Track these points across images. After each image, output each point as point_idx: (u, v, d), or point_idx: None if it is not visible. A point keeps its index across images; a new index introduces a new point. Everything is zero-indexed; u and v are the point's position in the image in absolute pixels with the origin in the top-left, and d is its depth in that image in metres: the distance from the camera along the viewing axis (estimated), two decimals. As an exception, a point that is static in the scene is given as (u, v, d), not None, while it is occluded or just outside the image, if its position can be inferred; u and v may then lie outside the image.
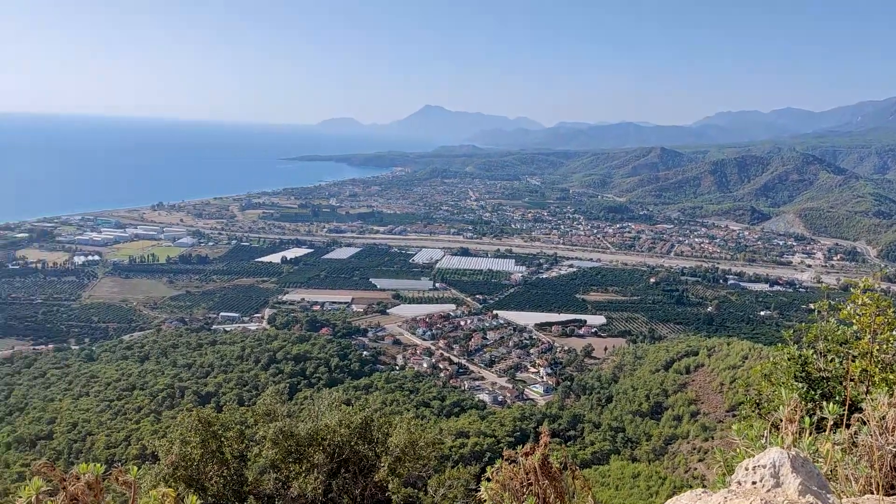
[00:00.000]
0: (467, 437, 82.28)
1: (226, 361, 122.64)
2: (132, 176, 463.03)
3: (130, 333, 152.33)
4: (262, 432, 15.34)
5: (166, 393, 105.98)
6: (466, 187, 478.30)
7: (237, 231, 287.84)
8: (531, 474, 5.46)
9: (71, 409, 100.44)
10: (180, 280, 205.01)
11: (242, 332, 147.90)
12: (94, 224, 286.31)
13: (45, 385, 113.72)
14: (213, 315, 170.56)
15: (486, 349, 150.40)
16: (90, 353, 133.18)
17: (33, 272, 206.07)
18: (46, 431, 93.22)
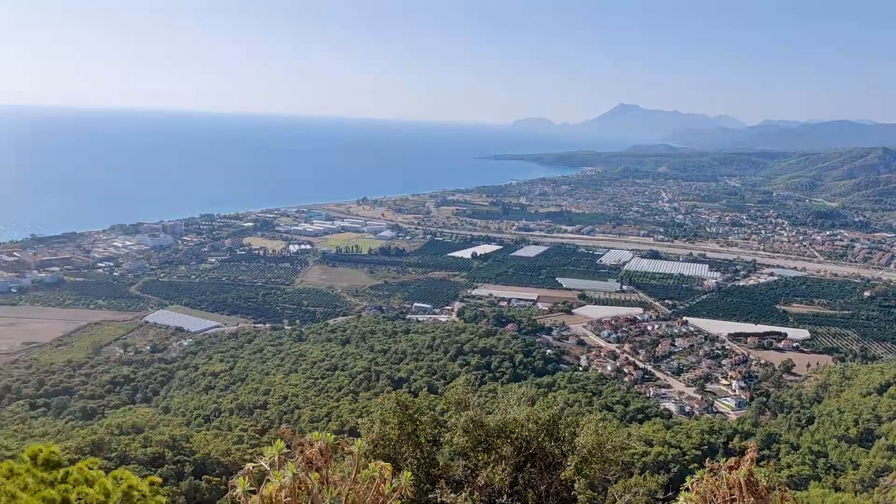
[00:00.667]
0: (650, 445, 79.24)
1: (417, 350, 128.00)
2: (341, 173, 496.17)
3: (334, 318, 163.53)
4: (454, 420, 15.87)
5: (364, 375, 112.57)
6: (659, 188, 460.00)
7: (432, 226, 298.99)
8: (735, 489, 5.17)
9: (282, 383, 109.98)
10: (379, 270, 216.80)
11: (433, 323, 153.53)
12: (308, 216, 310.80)
13: (262, 360, 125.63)
14: (408, 305, 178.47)
15: (673, 356, 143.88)
16: (300, 333, 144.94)
17: (256, 258, 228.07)
18: (262, 402, 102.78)
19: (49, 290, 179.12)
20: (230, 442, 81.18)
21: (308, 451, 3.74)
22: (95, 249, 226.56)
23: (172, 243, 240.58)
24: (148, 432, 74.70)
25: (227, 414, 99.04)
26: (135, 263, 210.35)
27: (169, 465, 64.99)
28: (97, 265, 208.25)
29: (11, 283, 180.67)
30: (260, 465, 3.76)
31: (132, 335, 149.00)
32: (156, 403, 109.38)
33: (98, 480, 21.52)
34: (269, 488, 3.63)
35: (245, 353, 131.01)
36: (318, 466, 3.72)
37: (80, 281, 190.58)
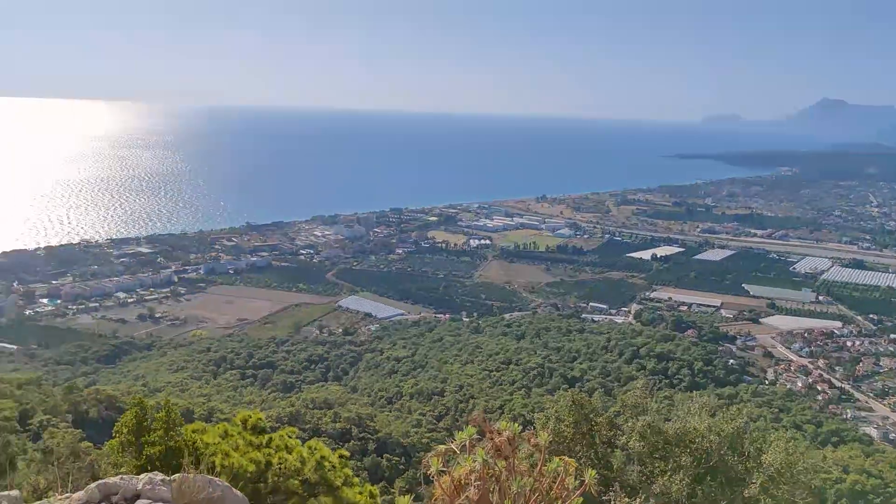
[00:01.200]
0: (847, 472, 71.87)
1: (591, 350, 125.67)
2: (522, 170, 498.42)
3: (510, 312, 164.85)
4: (630, 423, 15.47)
5: (537, 371, 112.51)
6: (866, 191, 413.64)
7: (610, 225, 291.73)
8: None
9: (459, 372, 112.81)
10: (556, 268, 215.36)
11: (609, 324, 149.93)
12: (488, 212, 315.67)
13: (441, 349, 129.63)
14: (583, 304, 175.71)
15: (877, 377, 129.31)
16: (477, 325, 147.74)
17: (439, 251, 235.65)
18: (439, 389, 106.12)
19: (259, 273, 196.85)
20: (409, 425, 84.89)
21: (497, 440, 3.87)
22: (299, 238, 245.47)
23: (365, 234, 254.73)
24: (338, 409, 79.85)
25: (408, 398, 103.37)
26: (331, 252, 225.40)
27: (355, 440, 69.13)
28: (300, 252, 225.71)
29: (230, 265, 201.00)
30: (451, 448, 3.95)
31: (327, 318, 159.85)
32: (345, 382, 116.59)
33: (296, 448, 23.39)
34: (459, 471, 3.80)
35: (426, 341, 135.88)
36: (505, 455, 3.84)
37: (285, 266, 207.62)
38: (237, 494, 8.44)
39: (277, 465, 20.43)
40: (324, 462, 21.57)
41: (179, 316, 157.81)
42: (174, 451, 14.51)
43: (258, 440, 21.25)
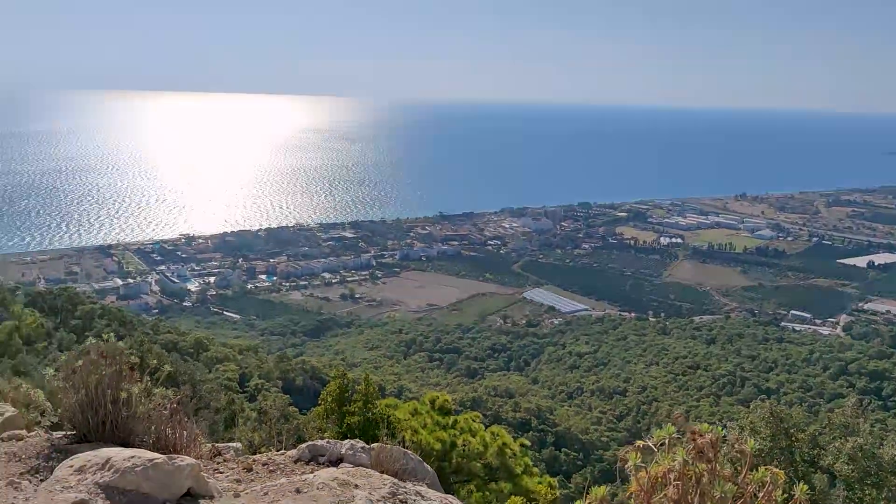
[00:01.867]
0: None
1: (791, 361, 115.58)
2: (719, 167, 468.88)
3: (700, 315, 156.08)
4: (838, 444, 14.04)
5: (727, 379, 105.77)
6: None
7: (819, 228, 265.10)
8: None
9: (642, 373, 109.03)
10: (753, 272, 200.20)
11: (812, 335, 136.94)
12: (681, 209, 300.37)
13: (624, 348, 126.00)
14: (783, 312, 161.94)
15: None
16: (664, 326, 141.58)
17: (626, 247, 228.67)
18: (621, 388, 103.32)
19: (449, 261, 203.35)
20: (589, 421, 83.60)
21: (700, 441, 3.72)
22: (487, 228, 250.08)
23: (551, 228, 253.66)
24: (518, 398, 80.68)
25: (588, 394, 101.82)
26: (518, 244, 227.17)
27: (534, 432, 69.43)
28: (488, 243, 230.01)
29: (422, 252, 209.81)
30: (648, 445, 3.87)
31: (511, 308, 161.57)
32: (526, 373, 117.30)
33: (479, 432, 23.94)
34: (658, 468, 3.70)
35: (609, 338, 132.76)
36: (708, 458, 3.68)
37: (473, 255, 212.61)
38: (428, 469, 8.83)
39: (461, 446, 21.05)
40: (505, 449, 21.91)
41: (376, 298, 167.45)
42: (371, 423, 15.52)
43: (444, 420, 22.05)
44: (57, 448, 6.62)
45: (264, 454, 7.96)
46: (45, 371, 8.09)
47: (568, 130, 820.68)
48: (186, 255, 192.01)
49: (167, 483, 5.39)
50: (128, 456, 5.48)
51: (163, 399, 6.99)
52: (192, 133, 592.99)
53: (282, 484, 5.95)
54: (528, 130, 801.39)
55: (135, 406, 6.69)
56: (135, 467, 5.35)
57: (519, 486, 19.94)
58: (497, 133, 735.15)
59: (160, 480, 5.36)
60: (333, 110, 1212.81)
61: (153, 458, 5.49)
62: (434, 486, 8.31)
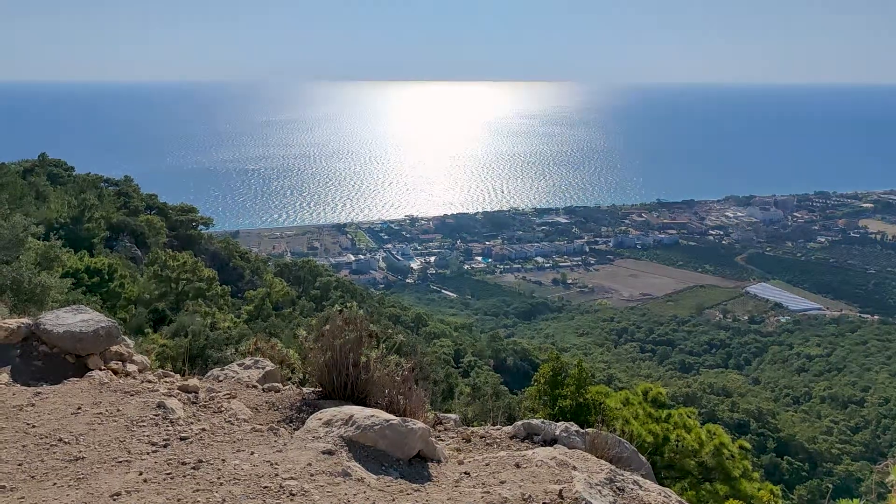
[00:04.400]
0: None
1: None
2: None
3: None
4: None
5: None
6: None
7: None
8: None
9: (885, 383, 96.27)
10: None
11: None
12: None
13: (864, 353, 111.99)
14: None
15: None
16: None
17: (871, 242, 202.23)
18: (858, 397, 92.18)
19: (665, 250, 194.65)
20: (818, 430, 75.82)
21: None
22: (708, 218, 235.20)
23: (781, 218, 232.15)
24: (736, 398, 75.43)
25: (818, 401, 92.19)
26: (742, 234, 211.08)
27: (752, 435, 64.53)
28: (708, 232, 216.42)
29: (637, 240, 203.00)
30: None
31: (732, 303, 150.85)
32: (746, 373, 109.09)
33: (694, 429, 22.75)
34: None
35: (845, 342, 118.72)
36: None
37: (692, 245, 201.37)
38: (643, 460, 8.58)
39: (675, 441, 20.18)
40: (722, 449, 20.60)
41: (587, 284, 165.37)
42: (583, 408, 15.42)
43: (657, 413, 21.25)
44: (307, 402, 7.41)
45: (481, 427, 8.23)
46: (298, 332, 9.06)
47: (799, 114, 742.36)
48: (410, 234, 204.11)
49: (401, 443, 5.80)
50: (368, 415, 5.98)
51: (396, 366, 7.51)
52: (422, 120, 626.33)
53: (501, 457, 6.13)
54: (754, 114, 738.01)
55: (372, 370, 7.27)
56: (374, 425, 5.82)
57: (736, 490, 18.69)
58: (719, 117, 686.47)
59: (395, 440, 5.78)
60: (549, 95, 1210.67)
61: (389, 419, 5.94)
62: (649, 478, 8.07)
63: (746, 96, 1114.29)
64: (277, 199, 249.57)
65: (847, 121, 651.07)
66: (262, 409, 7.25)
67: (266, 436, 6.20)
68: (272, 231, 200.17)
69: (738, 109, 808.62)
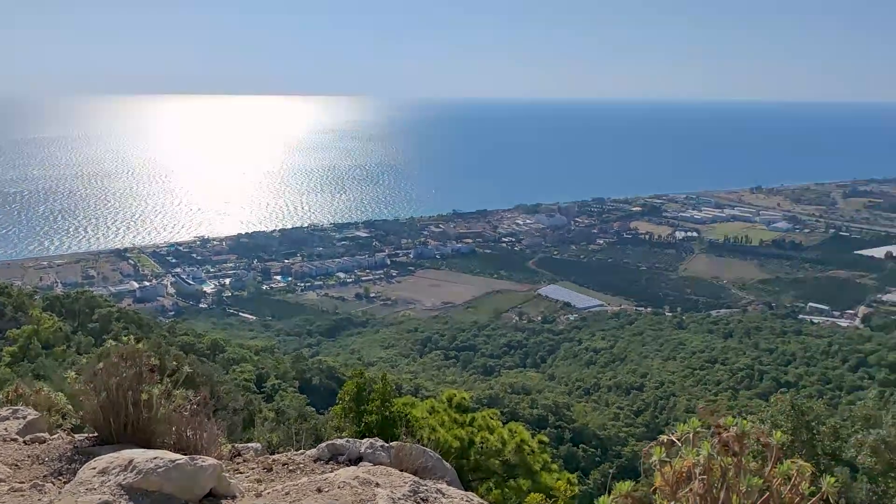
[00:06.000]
0: None
1: (809, 354, 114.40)
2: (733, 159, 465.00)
3: (717, 309, 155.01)
4: (860, 436, 13.87)
5: (745, 373, 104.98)
6: None
7: (836, 220, 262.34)
8: None
9: (659, 368, 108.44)
10: (770, 264, 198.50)
11: (831, 327, 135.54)
12: (696, 203, 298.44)
13: (641, 343, 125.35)
14: (801, 304, 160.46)
15: None
16: (680, 321, 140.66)
17: (641, 242, 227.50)
18: (638, 383, 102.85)
19: (463, 259, 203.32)
20: (606, 417, 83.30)
21: (724, 434, 3.67)
22: (501, 225, 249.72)
23: (566, 224, 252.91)
24: (535, 395, 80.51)
25: (605, 390, 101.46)
26: (532, 240, 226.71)
27: (551, 428, 69.28)
28: (502, 240, 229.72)
29: (436, 251, 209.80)
30: (671, 440, 3.83)
31: (526, 305, 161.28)
32: (542, 370, 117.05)
33: (497, 429, 23.89)
34: (683, 463, 3.66)
35: (625, 333, 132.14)
36: (733, 451, 3.63)
37: (488, 252, 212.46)
38: (447, 466, 8.81)
39: (480, 443, 21.01)
40: (523, 445, 21.85)
41: (391, 296, 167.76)
42: (389, 421, 15.54)
43: (462, 418, 22.00)
44: (80, 450, 6.67)
45: (284, 454, 7.97)
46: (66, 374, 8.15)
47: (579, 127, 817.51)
48: (202, 256, 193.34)
49: (189, 484, 5.41)
50: (150, 457, 5.50)
51: (183, 400, 7.02)
52: (205, 136, 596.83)
53: (303, 483, 5.96)
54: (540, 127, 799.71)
55: (155, 408, 6.72)
56: (157, 468, 5.37)
57: (538, 483, 19.89)
58: (509, 131, 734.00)
59: (182, 481, 5.38)
60: (345, 110, 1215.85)
61: (175, 459, 5.51)
62: (454, 484, 8.29)
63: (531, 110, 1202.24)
64: (44, 224, 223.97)
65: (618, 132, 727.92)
66: (23, 464, 6.41)
67: (28, 495, 5.49)
68: (38, 261, 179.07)
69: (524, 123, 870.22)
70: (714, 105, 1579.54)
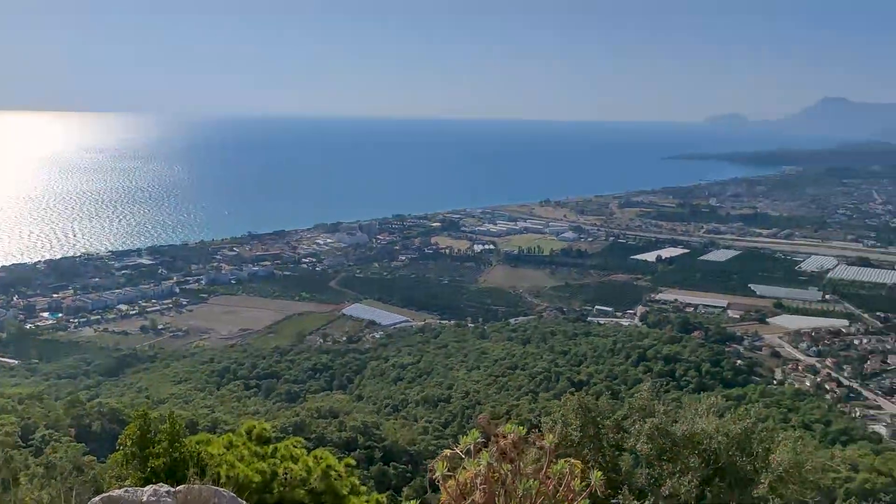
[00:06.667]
0: (856, 470, 71.48)
1: (598, 353, 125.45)
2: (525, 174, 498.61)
3: (516, 317, 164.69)
4: (638, 426, 15.39)
5: (543, 376, 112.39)
6: (870, 189, 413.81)
7: (615, 228, 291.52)
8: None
9: (465, 378, 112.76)
10: (560, 272, 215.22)
11: (615, 327, 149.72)
12: (492, 217, 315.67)
13: (446, 355, 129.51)
14: (588, 307, 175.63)
15: (885, 375, 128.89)
16: (482, 331, 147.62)
17: (442, 256, 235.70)
18: (445, 395, 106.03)
19: (261, 282, 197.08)
20: (416, 432, 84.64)
21: (502, 442, 3.88)
22: (301, 246, 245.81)
23: (367, 241, 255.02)
24: (343, 417, 79.82)
25: (414, 405, 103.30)
26: (334, 259, 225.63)
27: (361, 449, 68.98)
28: (302, 261, 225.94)
29: (231, 275, 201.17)
30: (456, 452, 3.96)
31: (331, 326, 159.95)
32: (350, 391, 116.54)
33: (301, 458, 23.31)
34: (465, 475, 3.80)
35: (431, 347, 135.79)
36: (511, 458, 3.84)
37: (288, 274, 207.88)
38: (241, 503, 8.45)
39: (283, 474, 20.35)
40: (330, 471, 21.49)
41: (181, 327, 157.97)
42: (179, 463, 14.51)
43: (263, 450, 21.19)
44: None
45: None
46: None
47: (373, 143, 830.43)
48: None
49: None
50: None
51: None
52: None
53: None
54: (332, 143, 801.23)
55: None
56: None
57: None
58: (303, 147, 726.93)
59: None
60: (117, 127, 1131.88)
61: None
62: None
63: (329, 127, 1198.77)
64: None
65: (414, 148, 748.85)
66: None
67: None
68: None
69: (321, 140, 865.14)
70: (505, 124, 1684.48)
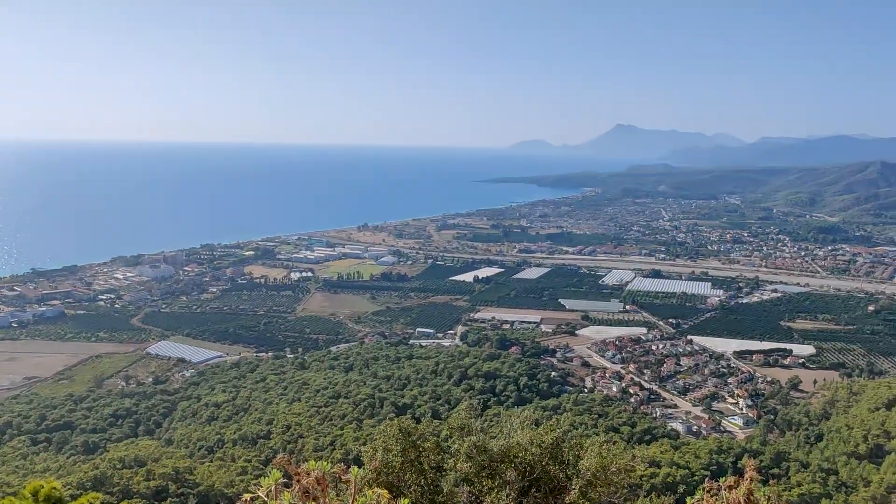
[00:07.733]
0: (659, 466, 78.47)
1: (421, 375, 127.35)
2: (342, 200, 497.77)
3: (337, 345, 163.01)
4: (457, 446, 15.77)
5: (367, 402, 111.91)
6: (659, 207, 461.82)
7: (433, 250, 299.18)
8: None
9: (286, 412, 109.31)
10: (381, 296, 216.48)
11: (437, 348, 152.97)
12: (309, 244, 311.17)
13: (265, 389, 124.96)
14: (410, 330, 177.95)
15: (679, 376, 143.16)
16: (303, 361, 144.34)
17: (257, 286, 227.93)
18: (265, 431, 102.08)
19: (50, 324, 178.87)
20: (234, 473, 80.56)
21: (305, 481, 3.77)
22: (97, 282, 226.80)
23: (173, 274, 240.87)
24: (151, 465, 74.16)
25: (231, 445, 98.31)
26: (136, 295, 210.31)
27: (172, 498, 64.50)
28: (98, 298, 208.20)
29: (12, 318, 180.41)
30: (257, 495, 3.78)
31: (134, 367, 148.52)
32: (158, 436, 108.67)
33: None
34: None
35: (248, 382, 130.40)
36: (314, 496, 3.74)
37: (82, 314, 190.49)
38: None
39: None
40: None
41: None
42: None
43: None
44: None
45: None
46: None
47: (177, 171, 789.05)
48: None
49: None
50: None
51: None
52: None
53: None
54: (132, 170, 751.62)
55: None
56: None
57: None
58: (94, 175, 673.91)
59: None
60: None
61: None
62: None
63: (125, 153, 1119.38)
64: None
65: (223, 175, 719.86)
66: None
67: None
68: None
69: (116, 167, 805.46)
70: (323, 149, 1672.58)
